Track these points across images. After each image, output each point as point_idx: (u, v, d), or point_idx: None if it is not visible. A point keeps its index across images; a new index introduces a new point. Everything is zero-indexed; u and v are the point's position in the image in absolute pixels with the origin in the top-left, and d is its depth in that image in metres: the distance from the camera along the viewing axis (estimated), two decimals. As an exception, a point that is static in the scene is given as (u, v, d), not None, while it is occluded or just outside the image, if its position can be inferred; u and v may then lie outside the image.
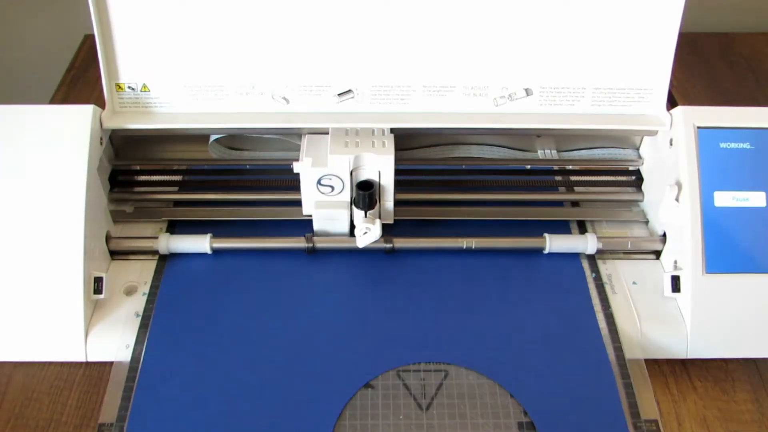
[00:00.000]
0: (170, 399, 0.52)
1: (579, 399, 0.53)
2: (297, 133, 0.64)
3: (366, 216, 0.60)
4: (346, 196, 0.61)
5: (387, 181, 0.60)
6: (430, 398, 0.53)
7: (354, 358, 0.55)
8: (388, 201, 0.62)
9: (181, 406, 0.52)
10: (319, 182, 0.60)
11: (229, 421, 0.51)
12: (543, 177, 0.69)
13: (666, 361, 0.58)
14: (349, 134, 0.61)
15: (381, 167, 0.60)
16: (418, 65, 0.62)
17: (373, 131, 0.61)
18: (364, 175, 0.60)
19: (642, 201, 0.67)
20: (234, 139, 0.70)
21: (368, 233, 0.60)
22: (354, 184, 0.60)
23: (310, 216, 0.62)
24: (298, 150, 0.62)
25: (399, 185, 0.66)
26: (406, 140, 0.71)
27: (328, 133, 0.61)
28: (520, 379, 0.53)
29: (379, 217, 0.62)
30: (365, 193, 0.59)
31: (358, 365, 0.54)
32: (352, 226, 0.62)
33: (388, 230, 0.63)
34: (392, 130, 0.62)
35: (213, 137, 0.68)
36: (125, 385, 0.53)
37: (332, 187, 0.60)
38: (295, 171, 0.60)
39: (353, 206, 0.61)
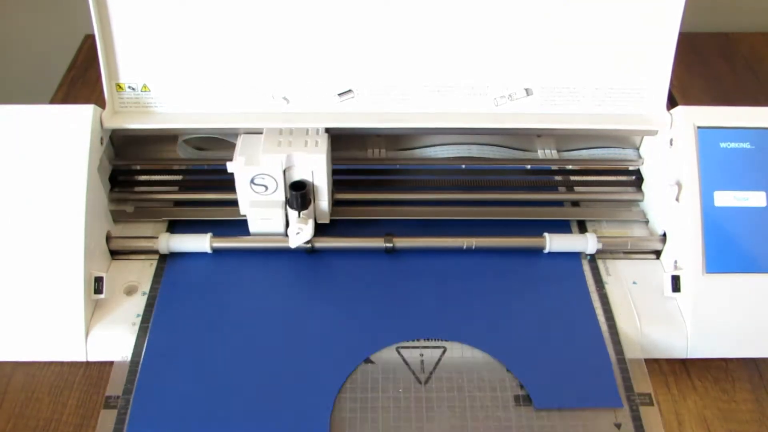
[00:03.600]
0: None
1: (574, 371, 0.54)
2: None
3: (299, 216, 0.60)
4: (281, 195, 0.61)
5: (320, 181, 0.60)
6: (428, 373, 0.54)
7: (354, 336, 0.56)
8: (323, 201, 0.62)
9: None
10: (252, 182, 0.60)
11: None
12: (543, 177, 0.69)
13: (666, 360, 0.58)
14: (283, 134, 0.61)
15: (313, 167, 0.60)
16: (418, 65, 0.62)
17: (307, 131, 0.61)
18: (297, 175, 0.60)
19: (642, 201, 0.67)
20: (202, 140, 0.70)
21: (300, 233, 0.60)
22: (288, 184, 0.60)
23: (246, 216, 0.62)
24: None
25: (397, 184, 0.67)
26: (407, 140, 0.71)
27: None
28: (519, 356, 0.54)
29: (315, 217, 0.62)
30: (298, 194, 0.59)
31: (358, 343, 0.55)
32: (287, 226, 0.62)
33: (389, 230, 0.63)
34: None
35: (182, 138, 0.68)
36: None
37: (266, 187, 0.60)
38: (228, 171, 0.60)
39: (288, 206, 0.61)
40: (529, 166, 0.70)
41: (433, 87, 0.63)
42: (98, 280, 0.58)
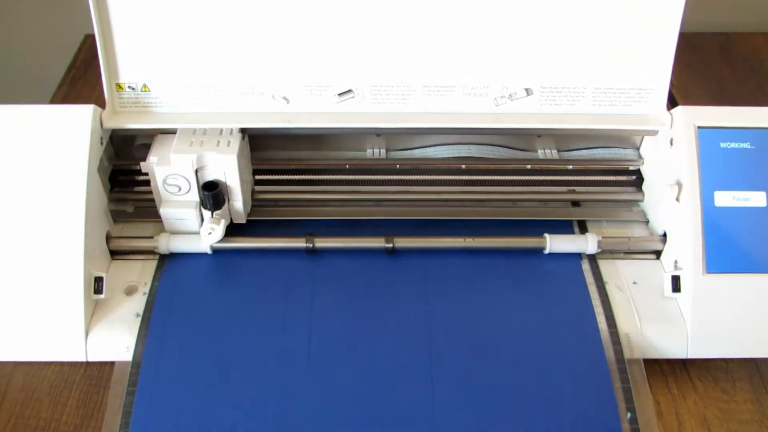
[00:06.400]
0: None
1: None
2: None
3: (212, 216, 0.60)
4: (194, 195, 0.61)
5: (233, 181, 0.60)
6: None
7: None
8: (237, 201, 0.62)
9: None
10: (165, 182, 0.60)
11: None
12: (543, 177, 0.69)
13: (666, 361, 0.58)
14: (197, 133, 0.61)
15: (225, 167, 0.60)
16: (418, 65, 0.62)
17: (221, 131, 0.61)
18: (210, 175, 0.60)
19: (642, 201, 0.67)
20: None
21: (212, 233, 0.60)
22: (200, 184, 0.60)
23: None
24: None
25: (396, 184, 0.66)
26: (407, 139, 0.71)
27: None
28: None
29: (231, 217, 0.62)
30: (209, 194, 0.59)
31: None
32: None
33: (390, 230, 0.63)
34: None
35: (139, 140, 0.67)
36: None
37: (179, 187, 0.60)
38: (142, 170, 0.60)
39: (201, 207, 0.61)
40: (529, 166, 0.70)
41: (433, 87, 0.63)
42: (98, 280, 0.58)
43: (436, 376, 0.54)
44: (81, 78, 0.90)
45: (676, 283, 0.59)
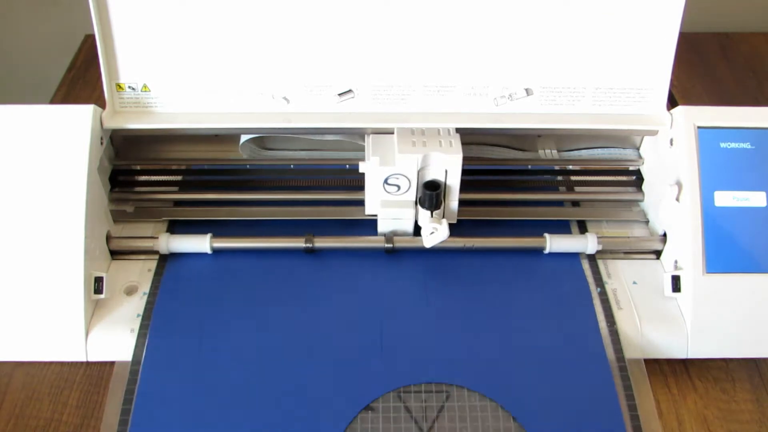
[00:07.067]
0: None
1: (579, 415, 0.52)
2: (328, 133, 0.65)
3: (432, 216, 0.60)
4: (412, 195, 0.61)
5: (453, 181, 0.60)
6: (431, 421, 0.52)
7: (354, 376, 0.54)
8: (453, 201, 0.62)
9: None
10: (385, 181, 0.60)
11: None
12: (543, 177, 0.69)
13: (666, 361, 0.58)
14: (415, 134, 0.61)
15: (448, 167, 0.60)
16: (418, 65, 0.62)
17: (438, 131, 0.61)
18: (429, 175, 0.60)
19: (642, 201, 0.67)
20: (264, 139, 0.70)
21: (435, 233, 0.59)
22: (420, 183, 0.60)
23: (375, 216, 0.62)
24: (326, 149, 0.64)
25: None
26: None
27: (392, 133, 0.61)
28: (521, 396, 0.53)
29: (443, 217, 0.62)
30: (432, 193, 0.59)
31: (358, 384, 0.53)
32: (415, 226, 0.62)
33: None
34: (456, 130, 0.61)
35: (244, 138, 0.68)
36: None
37: (398, 187, 0.60)
38: (360, 171, 0.60)
39: (418, 206, 0.61)
40: (529, 166, 0.70)
41: (433, 87, 0.63)
42: (98, 280, 0.58)
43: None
44: (81, 78, 0.90)
45: (676, 283, 0.59)
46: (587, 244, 0.62)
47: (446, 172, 0.60)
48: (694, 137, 0.59)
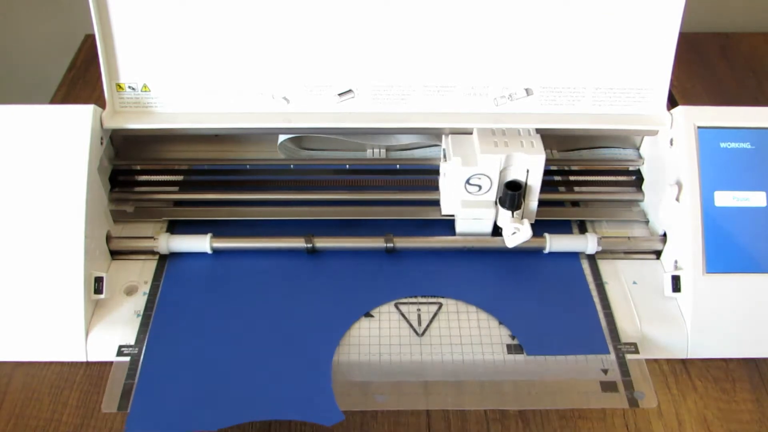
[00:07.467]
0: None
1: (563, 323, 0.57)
2: (362, 133, 0.66)
3: (513, 216, 0.60)
4: (493, 195, 0.61)
5: (534, 181, 0.60)
6: (425, 325, 0.56)
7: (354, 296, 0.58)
8: (533, 201, 0.62)
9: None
10: (467, 182, 0.60)
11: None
12: (543, 177, 0.69)
13: (666, 360, 0.58)
14: (496, 134, 0.61)
15: (531, 167, 0.59)
16: (418, 65, 0.62)
17: (519, 131, 0.61)
18: (510, 175, 0.60)
19: (642, 201, 0.67)
20: (302, 138, 0.70)
21: (517, 233, 0.59)
22: (501, 183, 0.60)
23: (452, 216, 0.63)
24: (357, 149, 0.66)
25: (394, 184, 0.66)
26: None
27: (470, 134, 0.62)
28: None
29: (523, 217, 0.62)
30: (515, 194, 0.59)
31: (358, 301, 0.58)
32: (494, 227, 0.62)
33: (389, 230, 0.63)
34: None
35: (282, 137, 0.68)
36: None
37: (480, 187, 0.60)
38: (441, 171, 0.61)
39: (498, 206, 0.61)
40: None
41: (433, 87, 0.63)
42: (98, 280, 0.58)
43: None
44: (81, 78, 0.90)
45: (676, 283, 0.59)
46: (587, 244, 0.62)
47: (527, 172, 0.60)
48: (694, 137, 0.59)
